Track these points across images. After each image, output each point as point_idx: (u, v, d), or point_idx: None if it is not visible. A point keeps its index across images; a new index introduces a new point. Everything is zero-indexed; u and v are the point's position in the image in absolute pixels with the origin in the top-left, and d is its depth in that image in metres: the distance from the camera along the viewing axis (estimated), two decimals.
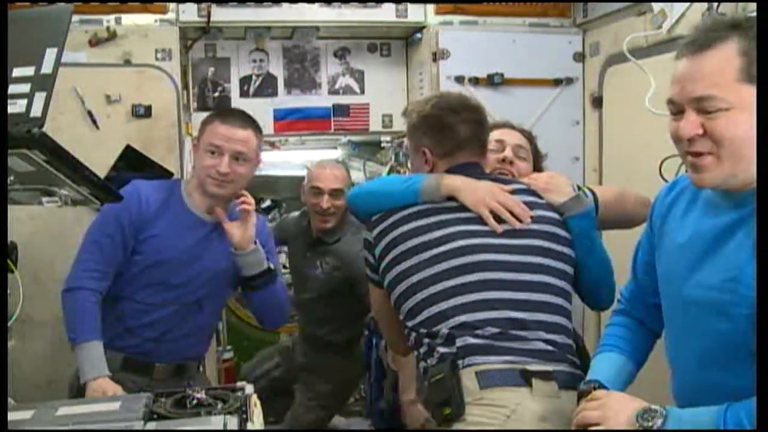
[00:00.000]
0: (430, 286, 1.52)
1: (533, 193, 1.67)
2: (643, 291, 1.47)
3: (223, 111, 2.22)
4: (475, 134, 1.72)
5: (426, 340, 1.50)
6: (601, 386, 1.35)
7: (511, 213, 1.57)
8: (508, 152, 2.03)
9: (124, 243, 2.01)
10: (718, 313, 1.17)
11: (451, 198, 1.61)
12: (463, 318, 1.46)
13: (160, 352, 2.06)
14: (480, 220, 1.57)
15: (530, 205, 1.62)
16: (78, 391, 1.96)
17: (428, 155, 1.71)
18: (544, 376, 1.39)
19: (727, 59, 1.13)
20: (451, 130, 1.70)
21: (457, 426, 1.37)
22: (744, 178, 1.16)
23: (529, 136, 2.14)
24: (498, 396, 1.36)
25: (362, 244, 1.72)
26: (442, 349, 1.45)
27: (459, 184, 1.61)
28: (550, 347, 1.47)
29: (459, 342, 1.44)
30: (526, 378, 1.38)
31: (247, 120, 2.06)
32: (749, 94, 1.12)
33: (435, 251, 1.54)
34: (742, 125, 1.13)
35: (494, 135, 2.11)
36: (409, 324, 1.56)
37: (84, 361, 1.91)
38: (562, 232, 1.62)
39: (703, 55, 1.15)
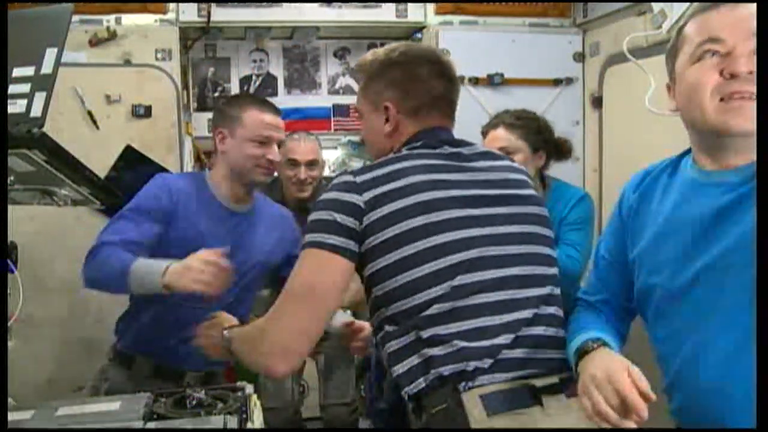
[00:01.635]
0: (438, 284, 1.28)
1: (521, 171, 1.49)
2: (608, 291, 1.39)
3: (255, 100, 2.12)
4: (449, 92, 1.48)
5: (425, 352, 1.27)
6: (603, 341, 1.23)
7: None
8: None
9: (158, 233, 1.90)
10: (744, 265, 1.07)
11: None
12: (467, 324, 1.27)
13: (191, 357, 1.88)
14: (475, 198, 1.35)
15: (519, 184, 1.44)
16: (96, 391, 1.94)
17: (392, 111, 1.44)
18: (552, 389, 1.25)
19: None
20: (424, 82, 1.44)
21: None
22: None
23: (522, 124, 2.26)
24: (509, 423, 1.21)
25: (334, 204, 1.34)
26: (442, 369, 1.24)
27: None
28: (555, 352, 1.31)
29: (461, 356, 1.25)
30: (534, 396, 1.23)
31: (272, 106, 2.05)
32: None
33: (443, 238, 1.30)
34: None
35: (485, 141, 2.29)
36: (401, 327, 1.30)
37: (147, 268, 1.71)
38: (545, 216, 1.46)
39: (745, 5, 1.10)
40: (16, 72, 1.19)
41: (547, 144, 2.31)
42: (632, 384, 1.08)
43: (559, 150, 2.35)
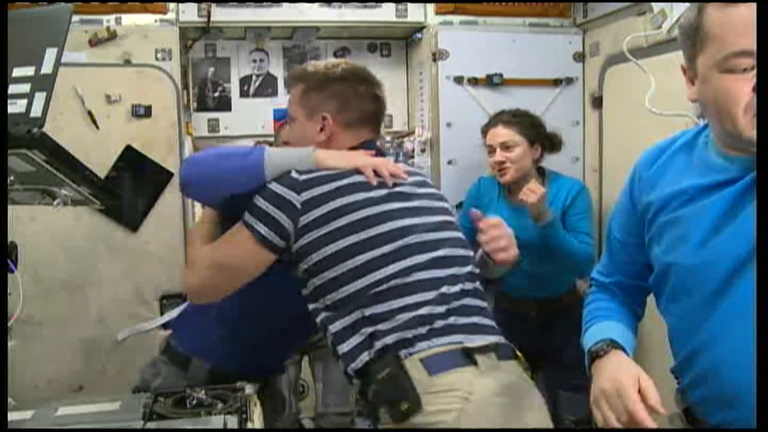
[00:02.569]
0: (379, 268, 1.43)
1: (423, 174, 1.72)
2: (621, 273, 1.40)
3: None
4: (379, 110, 1.67)
5: (367, 330, 1.41)
6: (615, 343, 1.25)
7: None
8: (497, 156, 2.50)
9: None
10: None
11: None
12: (409, 300, 1.42)
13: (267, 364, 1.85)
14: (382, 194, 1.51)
15: (426, 183, 1.65)
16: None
17: (329, 122, 1.59)
18: (484, 350, 1.39)
19: None
20: (361, 99, 1.62)
21: (417, 419, 1.32)
22: None
23: (518, 121, 2.50)
24: (449, 380, 1.34)
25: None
26: (385, 339, 1.38)
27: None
28: (481, 319, 1.48)
29: (402, 326, 1.39)
30: (469, 356, 1.37)
31: None
32: None
33: (378, 230, 1.46)
34: None
35: (487, 137, 2.56)
36: (345, 308, 1.44)
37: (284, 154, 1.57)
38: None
39: None
40: (16, 72, 1.19)
41: (541, 137, 2.55)
42: (638, 399, 1.11)
43: (552, 142, 2.58)
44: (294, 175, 1.47)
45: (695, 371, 1.20)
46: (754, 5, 1.04)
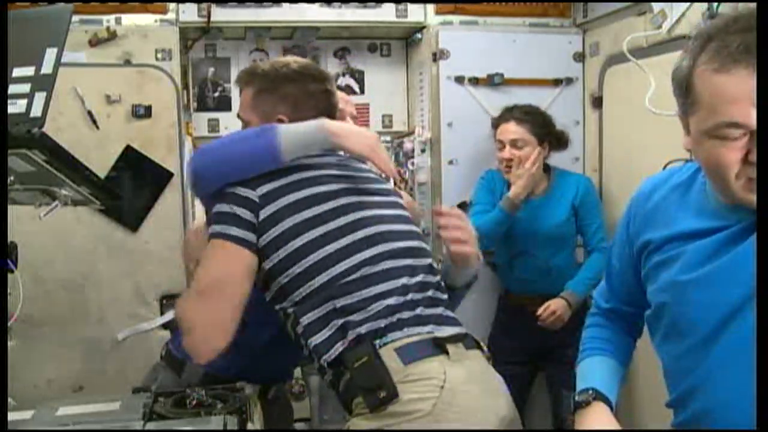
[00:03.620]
0: (346, 258, 1.45)
1: (372, 171, 1.69)
2: (619, 300, 1.42)
3: None
4: (334, 105, 1.66)
5: (339, 321, 1.41)
6: (599, 394, 1.30)
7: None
8: (506, 153, 2.58)
9: None
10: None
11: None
12: (378, 289, 1.44)
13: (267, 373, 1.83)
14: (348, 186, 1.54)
15: (378, 179, 1.67)
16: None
17: (286, 122, 1.58)
18: (453, 340, 1.43)
19: None
20: (313, 98, 1.61)
21: (394, 407, 1.34)
22: None
23: (530, 119, 2.57)
24: (423, 369, 1.36)
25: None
26: (359, 329, 1.40)
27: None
28: (444, 310, 1.51)
29: (374, 316, 1.41)
30: (439, 345, 1.40)
31: None
32: None
33: (338, 222, 1.48)
34: None
35: (498, 132, 2.62)
36: (314, 301, 1.44)
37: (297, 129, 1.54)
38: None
39: None
40: (16, 72, 1.19)
41: (550, 135, 2.62)
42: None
43: (559, 140, 2.66)
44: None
45: (687, 413, 1.20)
46: (746, 73, 0.99)
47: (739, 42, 1.00)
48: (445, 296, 1.55)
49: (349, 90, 3.18)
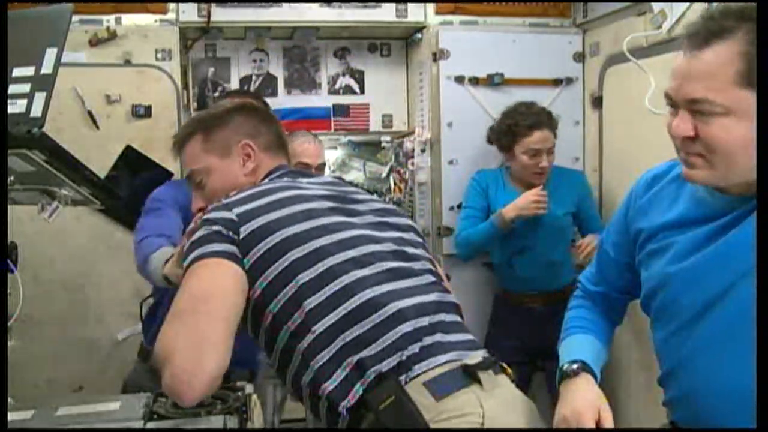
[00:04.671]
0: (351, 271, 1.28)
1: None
2: (608, 286, 1.46)
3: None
4: (282, 133, 1.59)
5: (353, 358, 1.21)
6: (586, 366, 1.33)
7: None
8: (545, 162, 2.57)
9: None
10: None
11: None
12: (389, 310, 1.25)
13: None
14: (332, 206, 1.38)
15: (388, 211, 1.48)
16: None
17: (255, 149, 1.49)
18: (482, 366, 1.25)
19: (728, 61, 1.07)
20: (265, 123, 1.54)
21: None
22: (738, 182, 1.13)
23: (554, 123, 2.62)
24: (458, 404, 1.19)
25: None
26: (378, 366, 1.20)
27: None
28: (464, 334, 1.33)
29: (392, 347, 1.22)
30: (470, 374, 1.23)
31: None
32: (748, 100, 1.06)
33: (331, 239, 1.31)
34: (736, 132, 1.08)
35: (533, 140, 2.55)
36: (323, 333, 1.23)
37: (160, 258, 1.72)
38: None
39: (702, 52, 1.09)
40: (16, 72, 1.19)
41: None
42: (595, 428, 1.23)
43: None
44: (216, 203, 1.35)
45: (675, 390, 1.29)
46: (684, 55, 1.13)
47: (689, 30, 1.14)
48: (458, 318, 1.37)
49: (349, 90, 3.19)
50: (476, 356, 1.27)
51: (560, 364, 1.36)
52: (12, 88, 1.18)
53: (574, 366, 1.33)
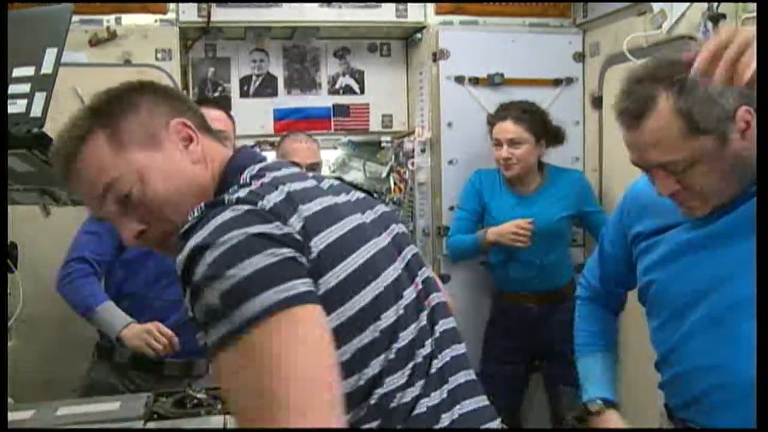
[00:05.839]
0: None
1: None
2: (609, 281, 1.60)
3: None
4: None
5: (408, 389, 0.91)
6: (609, 402, 1.49)
7: None
8: (504, 153, 2.57)
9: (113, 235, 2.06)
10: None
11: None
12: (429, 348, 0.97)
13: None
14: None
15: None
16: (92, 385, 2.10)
17: (192, 127, 1.05)
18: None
19: (666, 124, 1.17)
20: (187, 100, 1.14)
21: None
22: (734, 195, 1.24)
23: (527, 117, 2.57)
24: None
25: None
26: (428, 400, 0.92)
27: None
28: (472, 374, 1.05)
29: (444, 376, 0.97)
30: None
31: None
32: (706, 142, 1.17)
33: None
34: (712, 171, 1.19)
35: (495, 130, 2.61)
36: (360, 394, 0.89)
37: (111, 317, 2.05)
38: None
39: (641, 126, 1.20)
40: (16, 72, 1.19)
41: (548, 133, 2.63)
42: (596, 429, 1.37)
43: (556, 137, 2.67)
44: (246, 207, 0.86)
45: (669, 373, 1.42)
46: (633, 132, 1.23)
47: (618, 107, 1.27)
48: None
49: (349, 90, 3.19)
50: (480, 401, 1.02)
51: (584, 399, 1.52)
52: (12, 88, 1.18)
53: (598, 407, 1.48)
